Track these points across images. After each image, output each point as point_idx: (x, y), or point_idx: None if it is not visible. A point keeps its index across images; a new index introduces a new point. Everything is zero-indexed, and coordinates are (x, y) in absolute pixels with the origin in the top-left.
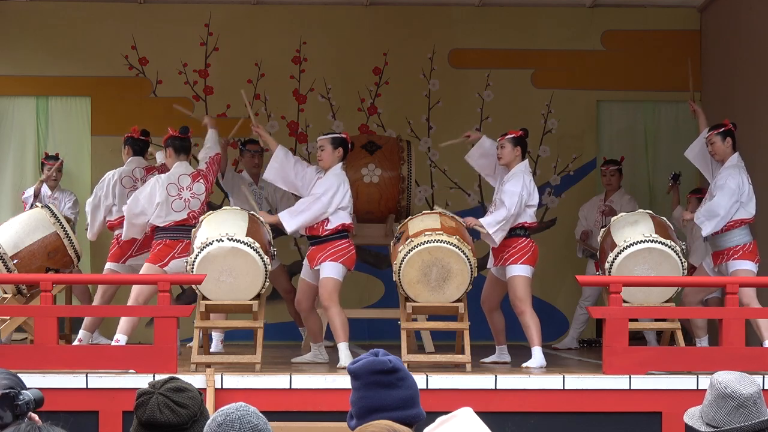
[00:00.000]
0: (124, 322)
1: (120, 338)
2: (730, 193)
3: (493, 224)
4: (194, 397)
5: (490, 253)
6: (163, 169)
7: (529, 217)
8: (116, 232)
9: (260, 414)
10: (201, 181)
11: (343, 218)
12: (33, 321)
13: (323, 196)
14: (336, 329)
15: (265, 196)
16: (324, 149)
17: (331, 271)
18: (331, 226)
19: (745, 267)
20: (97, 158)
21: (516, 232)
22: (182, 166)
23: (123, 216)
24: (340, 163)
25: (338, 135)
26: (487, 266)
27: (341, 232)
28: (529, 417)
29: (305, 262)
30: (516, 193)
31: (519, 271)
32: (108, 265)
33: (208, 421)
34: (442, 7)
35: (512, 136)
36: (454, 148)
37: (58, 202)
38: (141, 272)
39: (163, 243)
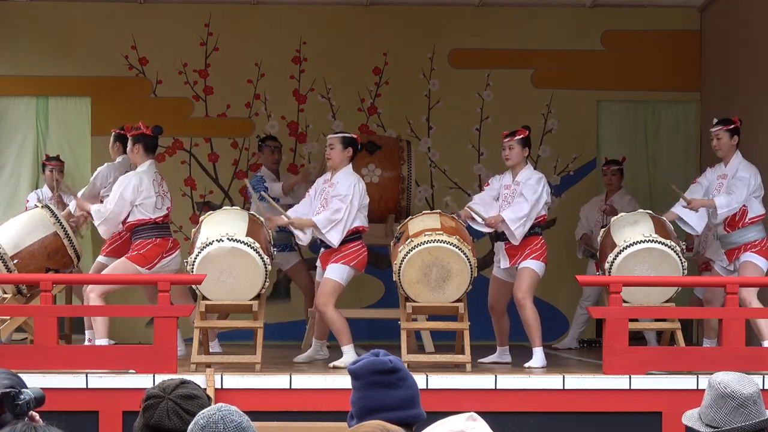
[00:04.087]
0: (99, 325)
1: (103, 342)
2: (745, 184)
3: (515, 221)
4: (203, 405)
5: (503, 253)
6: None
7: (544, 211)
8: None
9: (242, 412)
10: (164, 181)
11: (361, 221)
12: (33, 321)
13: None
14: (339, 333)
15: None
16: (334, 148)
17: (334, 273)
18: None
19: (758, 262)
20: (97, 158)
21: (534, 230)
22: (154, 165)
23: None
24: (350, 164)
25: (349, 135)
26: (501, 266)
27: (355, 234)
28: (529, 417)
29: (318, 263)
30: (537, 190)
31: (532, 265)
32: (101, 259)
33: (191, 425)
34: (442, 7)
35: (521, 137)
36: (454, 148)
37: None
38: (119, 270)
39: (153, 242)
